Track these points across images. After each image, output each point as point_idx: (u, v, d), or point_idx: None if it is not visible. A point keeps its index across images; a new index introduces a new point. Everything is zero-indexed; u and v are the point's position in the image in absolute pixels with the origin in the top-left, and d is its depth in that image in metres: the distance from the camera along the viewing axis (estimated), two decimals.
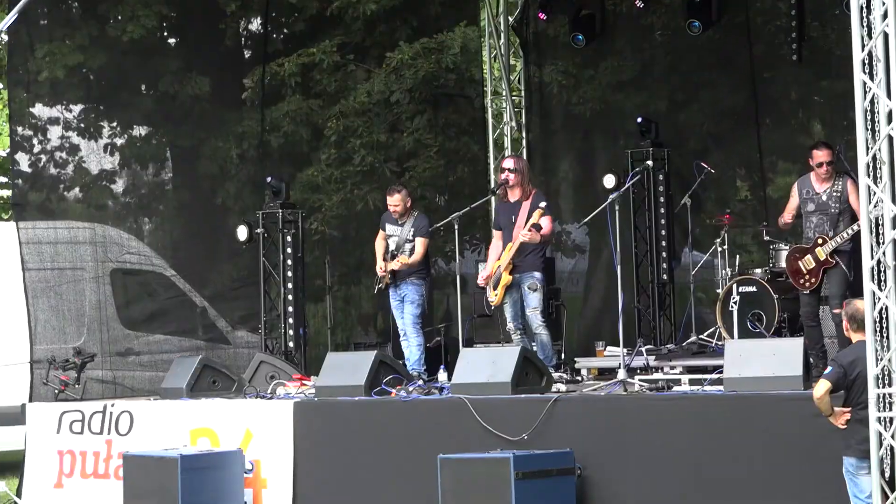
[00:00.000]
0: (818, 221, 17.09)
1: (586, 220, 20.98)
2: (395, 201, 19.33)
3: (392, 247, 19.25)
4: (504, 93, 24.18)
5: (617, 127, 23.29)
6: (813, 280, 17.13)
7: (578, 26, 23.16)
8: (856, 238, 16.08)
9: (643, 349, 18.97)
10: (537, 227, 17.88)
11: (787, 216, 17.45)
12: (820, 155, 16.97)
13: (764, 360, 15.53)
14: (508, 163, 18.89)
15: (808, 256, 17.18)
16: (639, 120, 21.82)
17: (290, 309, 21.48)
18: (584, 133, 24.66)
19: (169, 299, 23.23)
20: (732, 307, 18.35)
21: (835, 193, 16.99)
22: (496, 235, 18.73)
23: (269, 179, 21.61)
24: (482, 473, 14.73)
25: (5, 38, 19.80)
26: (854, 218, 16.35)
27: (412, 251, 19.04)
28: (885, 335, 13.56)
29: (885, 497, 13.46)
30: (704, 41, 22.64)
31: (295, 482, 17.03)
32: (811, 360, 15.64)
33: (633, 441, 15.11)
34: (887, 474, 13.45)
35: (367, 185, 24.21)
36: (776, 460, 14.47)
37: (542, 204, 17.96)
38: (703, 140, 22.73)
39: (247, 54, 24.43)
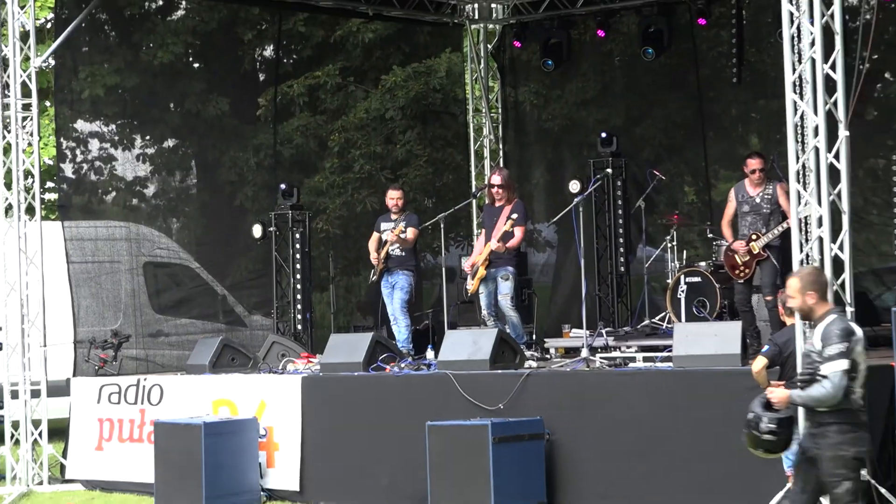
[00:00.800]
0: (752, 220, 17.19)
1: (555, 219, 21.02)
2: (396, 195, 19.39)
3: (387, 239, 19.31)
4: (484, 110, 24.13)
5: (581, 140, 23.24)
6: (747, 271, 17.23)
7: (548, 53, 23.20)
8: (784, 235, 16.17)
9: (603, 331, 18.99)
10: (508, 234, 18.01)
11: (726, 231, 17.54)
12: (752, 163, 17.16)
13: (707, 341, 15.53)
14: (496, 179, 18.84)
15: (743, 250, 17.22)
16: (603, 135, 21.83)
17: (299, 296, 21.49)
18: (553, 145, 24.63)
19: (194, 288, 23.21)
20: (680, 295, 18.33)
21: (766, 196, 17.11)
22: (480, 235, 18.87)
23: (282, 186, 21.61)
24: (464, 438, 14.76)
25: (53, 62, 19.61)
26: (783, 217, 16.49)
27: (405, 238, 19.08)
28: None
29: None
30: (657, 65, 22.62)
31: (302, 445, 16.99)
32: (748, 340, 15.62)
33: (594, 410, 15.11)
34: None
35: (366, 190, 24.16)
36: (717, 427, 14.42)
37: (514, 216, 17.96)
38: (655, 151, 22.67)
39: (261, 77, 24.37)
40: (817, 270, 11.37)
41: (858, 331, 10.34)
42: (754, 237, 17.16)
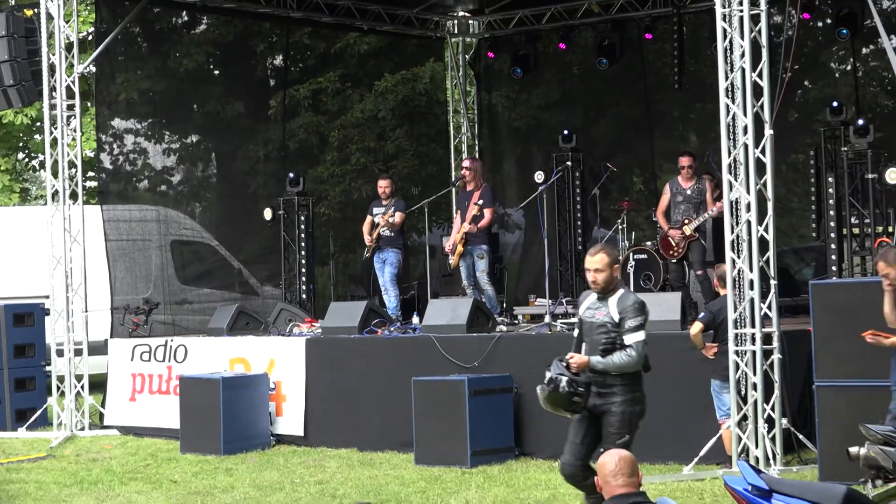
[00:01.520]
0: (685, 209, 17.46)
1: (522, 205, 21.15)
2: (385, 184, 19.49)
3: (379, 222, 19.37)
4: (462, 111, 24.11)
5: (545, 137, 23.23)
6: (679, 251, 17.46)
7: (517, 62, 23.17)
8: (712, 220, 16.35)
9: (563, 300, 19.10)
10: (477, 216, 18.09)
11: (661, 220, 17.70)
12: (683, 160, 17.54)
13: (652, 308, 15.48)
14: (466, 163, 19.17)
15: (678, 235, 17.35)
16: (564, 132, 21.83)
17: (303, 270, 21.42)
18: (522, 141, 24.66)
19: (214, 263, 23.21)
20: (629, 270, 18.35)
21: (697, 188, 17.41)
22: (457, 214, 18.92)
23: (290, 175, 21.59)
24: (444, 391, 14.83)
25: (93, 69, 19.57)
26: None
27: (394, 221, 19.14)
28: (741, 290, 13.64)
29: (739, 409, 13.51)
30: (610, 74, 22.64)
31: (306, 397, 17.00)
32: (686, 308, 15.67)
33: (553, 357, 15.11)
34: (742, 392, 13.50)
35: (361, 180, 24.12)
36: (661, 382, 14.43)
37: (480, 201, 18.11)
38: (609, 146, 22.70)
39: (272, 82, 24.32)
40: (611, 247, 10.98)
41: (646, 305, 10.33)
42: (686, 222, 17.35)
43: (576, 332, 10.41)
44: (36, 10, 18.81)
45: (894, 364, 10.99)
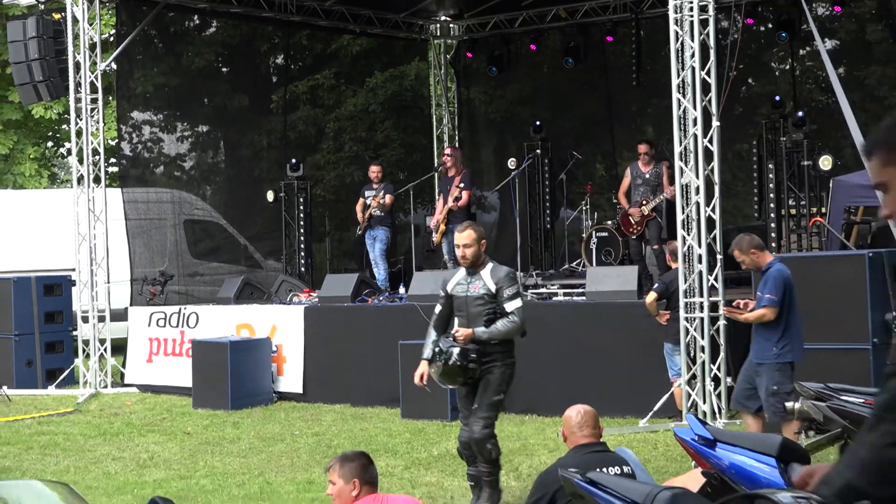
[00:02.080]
0: (644, 191, 17.50)
1: (497, 188, 21.11)
2: (376, 169, 19.62)
3: (370, 204, 19.42)
4: (444, 105, 24.09)
5: (518, 128, 23.24)
6: (639, 228, 17.50)
7: (493, 62, 23.17)
8: (666, 202, 16.40)
9: (534, 273, 18.99)
10: (457, 198, 18.20)
11: (622, 200, 17.79)
12: (641, 148, 17.69)
13: (611, 280, 15.63)
14: (447, 151, 19.52)
15: (637, 214, 17.41)
16: (535, 124, 21.85)
17: (302, 246, 21.44)
18: (497, 132, 24.66)
19: (222, 239, 23.21)
20: (592, 246, 18.40)
21: (654, 173, 17.46)
22: (440, 197, 18.97)
23: (292, 161, 21.59)
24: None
25: (114, 66, 19.54)
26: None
27: (384, 203, 19.19)
28: (691, 264, 13.71)
29: (689, 369, 13.55)
30: (575, 72, 22.67)
31: (304, 359, 17.03)
32: (642, 280, 15.72)
33: (528, 330, 15.14)
34: (691, 354, 13.55)
35: (354, 166, 24.15)
36: (619, 345, 14.53)
37: (461, 185, 18.27)
38: (574, 137, 22.74)
39: (274, 79, 24.29)
40: (477, 224, 10.38)
41: None
42: (644, 202, 17.39)
43: (438, 309, 9.83)
44: (63, 14, 18.78)
45: (754, 337, 11.01)
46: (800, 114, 18.01)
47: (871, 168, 3.71)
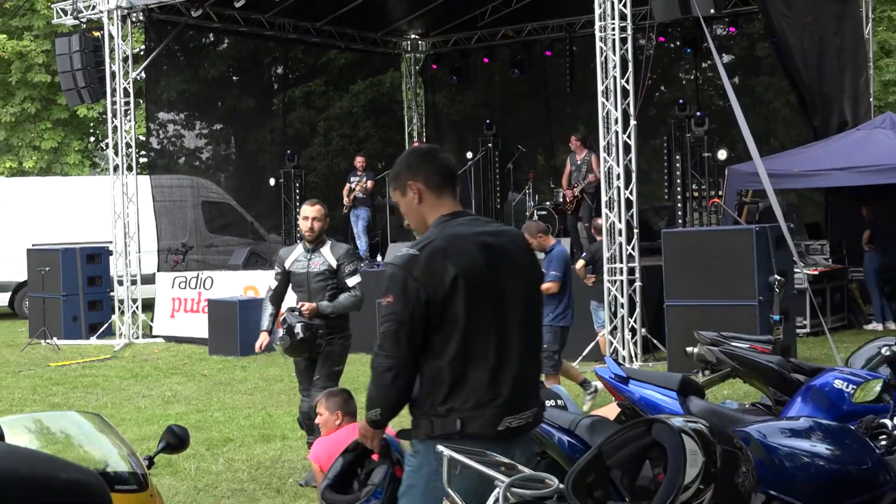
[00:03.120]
0: (576, 176, 17.65)
1: (458, 172, 21.04)
2: (360, 160, 19.74)
3: (354, 187, 19.46)
4: (413, 108, 24.10)
5: (474, 127, 23.16)
6: (572, 206, 17.57)
7: (454, 72, 23.21)
8: (595, 186, 16.49)
9: None
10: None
11: (564, 183, 17.86)
12: (573, 139, 17.77)
13: None
14: (416, 145, 19.18)
15: (571, 195, 17.50)
16: (487, 122, 21.89)
17: (298, 223, 21.41)
18: (457, 130, 24.65)
19: (232, 217, 23.12)
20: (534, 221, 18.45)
21: (585, 161, 17.51)
22: None
23: (288, 152, 21.57)
24: None
25: (144, 75, 19.43)
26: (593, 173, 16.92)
27: (366, 187, 19.21)
28: (613, 237, 13.76)
29: (611, 321, 13.62)
30: (521, 81, 22.77)
31: None
32: (573, 250, 15.76)
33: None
34: (613, 310, 13.62)
35: (340, 157, 24.00)
36: None
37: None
38: (520, 133, 22.65)
39: (275, 86, 24.12)
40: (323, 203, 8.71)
41: None
42: (576, 185, 17.46)
43: (274, 284, 8.62)
44: (101, 32, 18.72)
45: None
46: (699, 114, 18.14)
47: (391, 194, 4.35)
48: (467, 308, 3.95)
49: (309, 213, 8.18)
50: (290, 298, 8.63)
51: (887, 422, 4.77)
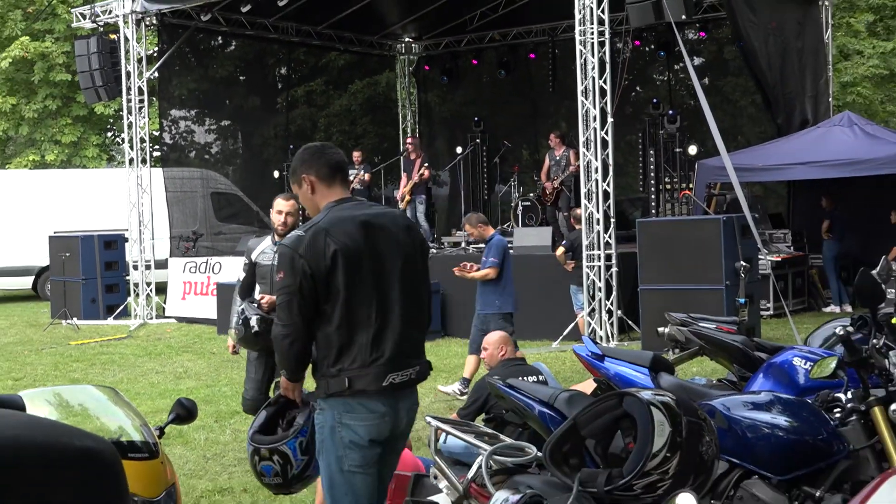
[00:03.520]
0: (555, 170, 17.62)
1: (448, 167, 21.08)
2: (358, 154, 19.56)
3: (352, 179, 19.43)
4: (407, 106, 24.05)
5: (463, 123, 23.11)
6: (551, 198, 17.56)
7: (444, 73, 23.18)
8: (574, 178, 16.49)
9: None
10: (421, 174, 18.23)
11: (543, 177, 17.84)
12: (552, 136, 17.90)
13: (532, 237, 15.67)
14: (410, 140, 19.52)
15: (550, 187, 17.52)
16: (475, 119, 21.87)
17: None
18: (448, 126, 24.55)
19: (239, 207, 23.07)
20: (518, 212, 18.40)
21: (564, 156, 17.46)
22: (404, 175, 18.94)
23: (290, 147, 21.52)
24: None
25: (157, 74, 19.35)
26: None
27: (363, 179, 19.17)
28: (591, 225, 13.77)
29: (590, 304, 13.61)
30: (507, 81, 22.70)
31: None
32: (554, 238, 15.77)
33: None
34: (591, 293, 13.64)
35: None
36: (537, 286, 14.57)
37: (426, 164, 18.40)
38: (506, 129, 22.64)
39: (279, 85, 24.06)
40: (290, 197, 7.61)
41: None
42: (555, 178, 17.46)
43: (242, 276, 7.80)
44: (117, 34, 18.66)
45: (479, 293, 10.62)
46: (671, 112, 18.16)
47: (291, 188, 4.62)
48: (347, 279, 4.17)
49: (283, 208, 7.37)
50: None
51: (841, 396, 4.79)
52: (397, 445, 4.41)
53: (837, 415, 4.67)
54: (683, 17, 13.35)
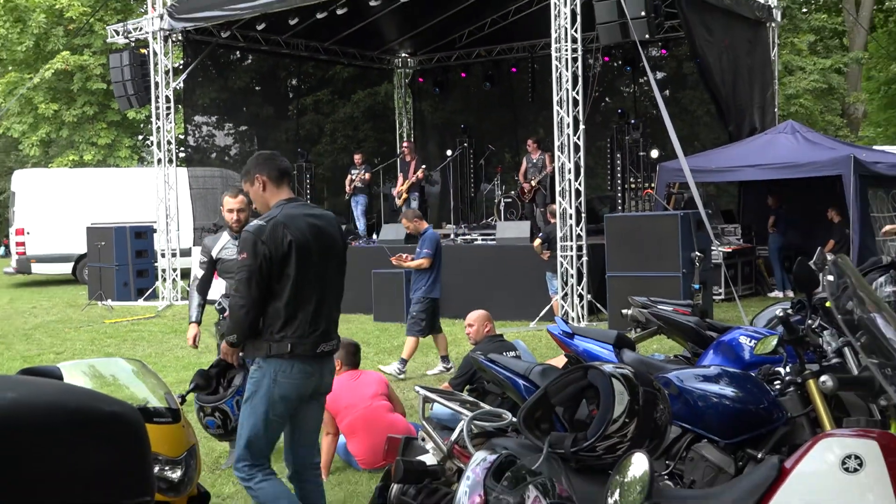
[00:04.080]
0: (532, 171, 17.51)
1: (439, 167, 21.01)
2: (359, 156, 19.59)
3: (354, 178, 19.35)
4: (403, 113, 24.00)
5: (453, 129, 23.08)
6: (529, 195, 17.52)
7: (436, 85, 23.15)
8: (549, 178, 16.47)
9: (463, 225, 19.08)
10: (417, 175, 18.13)
11: (521, 177, 17.82)
12: (529, 142, 17.91)
13: (513, 230, 15.65)
14: (405, 144, 19.39)
15: (528, 186, 17.50)
16: (463, 126, 21.85)
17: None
18: (439, 132, 24.47)
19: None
20: (501, 208, 18.42)
21: (540, 158, 17.43)
22: (400, 175, 18.89)
23: (299, 150, 21.47)
24: (391, 279, 14.68)
25: (182, 85, 19.27)
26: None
27: (364, 178, 19.11)
28: (565, 220, 13.75)
29: (563, 289, 13.62)
30: (492, 92, 22.67)
31: None
32: (532, 231, 15.77)
33: (457, 263, 15.15)
34: (564, 279, 13.63)
35: (343, 154, 23.81)
36: (517, 273, 14.59)
37: (423, 165, 18.31)
38: (490, 135, 22.58)
39: (290, 95, 23.95)
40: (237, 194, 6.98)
41: None
42: (532, 178, 17.44)
43: (201, 273, 7.42)
44: (147, 49, 18.60)
45: (413, 280, 10.41)
46: (634, 121, 18.17)
47: (243, 185, 4.86)
48: (297, 266, 4.52)
49: (233, 206, 6.88)
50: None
51: (781, 370, 4.81)
52: (320, 400, 4.79)
53: (777, 386, 4.69)
54: (647, 36, 13.34)
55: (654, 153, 17.30)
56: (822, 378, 4.05)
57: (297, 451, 4.76)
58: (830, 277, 3.18)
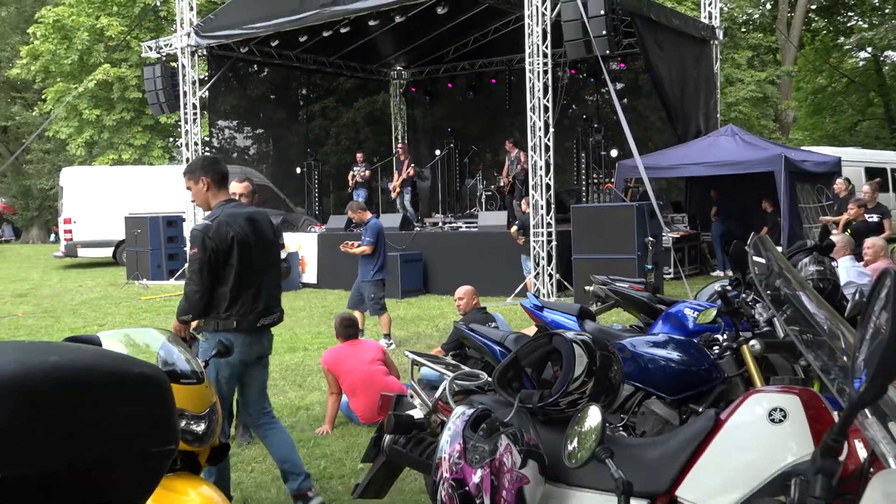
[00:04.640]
0: (510, 168, 17.39)
1: (428, 165, 20.90)
2: (360, 156, 19.69)
3: (356, 175, 19.29)
4: (398, 118, 23.93)
5: (441, 132, 23.03)
6: (507, 189, 17.48)
7: (427, 94, 23.07)
8: (524, 173, 16.41)
9: (450, 214, 19.04)
10: (409, 172, 18.01)
11: (503, 173, 17.80)
12: (507, 142, 17.75)
13: (493, 218, 15.61)
14: (399, 146, 19.26)
15: (506, 180, 17.48)
16: (450, 129, 21.78)
17: (317, 199, 21.31)
18: (430, 135, 24.37)
19: (270, 195, 22.64)
20: (483, 200, 18.40)
21: (517, 157, 17.37)
22: (395, 172, 18.83)
23: (308, 150, 21.38)
24: (389, 260, 14.64)
25: (206, 94, 19.15)
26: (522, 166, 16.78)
27: (364, 175, 19.06)
28: (536, 210, 13.74)
29: (535, 269, 13.62)
30: (475, 101, 22.60)
31: (318, 264, 16.95)
32: (509, 219, 15.76)
33: (442, 248, 15.17)
34: (536, 261, 13.65)
35: (347, 154, 23.69)
36: (496, 255, 14.58)
37: (412, 164, 18.23)
38: (473, 137, 22.48)
39: (300, 102, 23.78)
40: (243, 179, 6.77)
41: None
42: (508, 174, 17.42)
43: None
44: (176, 62, 18.47)
45: (360, 265, 10.14)
46: (596, 125, 18.16)
47: (187, 183, 4.86)
48: (239, 256, 4.67)
49: (237, 190, 6.45)
50: None
51: (719, 337, 4.84)
52: (262, 362, 4.99)
53: (716, 351, 4.72)
54: (608, 52, 13.33)
55: (614, 153, 17.32)
56: (752, 342, 4.09)
57: (250, 405, 4.98)
58: (759, 259, 3.20)
